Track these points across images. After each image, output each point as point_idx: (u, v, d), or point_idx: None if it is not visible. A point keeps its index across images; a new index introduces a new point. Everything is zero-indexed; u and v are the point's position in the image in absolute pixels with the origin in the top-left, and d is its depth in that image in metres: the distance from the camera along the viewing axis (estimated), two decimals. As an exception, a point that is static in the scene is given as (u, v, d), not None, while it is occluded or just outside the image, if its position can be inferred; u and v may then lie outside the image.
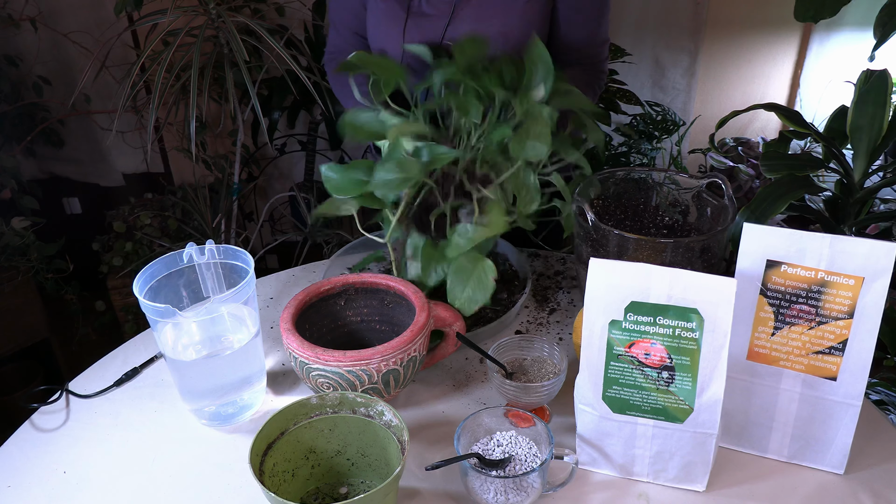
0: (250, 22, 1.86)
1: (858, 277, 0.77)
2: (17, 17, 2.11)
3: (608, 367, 0.81)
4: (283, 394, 1.01)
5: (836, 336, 0.80)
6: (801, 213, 1.39)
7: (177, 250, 0.95)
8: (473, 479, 0.80)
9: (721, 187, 1.03)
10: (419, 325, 0.90)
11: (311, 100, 2.27)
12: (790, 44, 2.53)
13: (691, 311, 0.76)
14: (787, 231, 0.79)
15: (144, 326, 1.05)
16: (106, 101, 2.28)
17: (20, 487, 0.87)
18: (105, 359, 1.10)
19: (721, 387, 0.78)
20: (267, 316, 1.19)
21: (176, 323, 0.92)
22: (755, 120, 2.63)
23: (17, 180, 2.19)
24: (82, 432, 0.95)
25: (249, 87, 1.85)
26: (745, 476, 0.86)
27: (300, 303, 0.96)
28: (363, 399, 0.82)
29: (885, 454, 0.88)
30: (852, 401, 0.82)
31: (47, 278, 2.15)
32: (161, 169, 2.51)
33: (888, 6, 1.26)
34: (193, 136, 1.85)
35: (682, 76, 2.51)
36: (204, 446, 0.93)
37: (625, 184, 1.12)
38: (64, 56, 2.26)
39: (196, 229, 2.28)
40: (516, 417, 0.86)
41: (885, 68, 1.27)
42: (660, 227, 1.11)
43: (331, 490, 0.84)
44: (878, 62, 1.29)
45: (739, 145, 2.44)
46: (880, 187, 1.32)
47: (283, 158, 2.63)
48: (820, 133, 1.37)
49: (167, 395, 1.01)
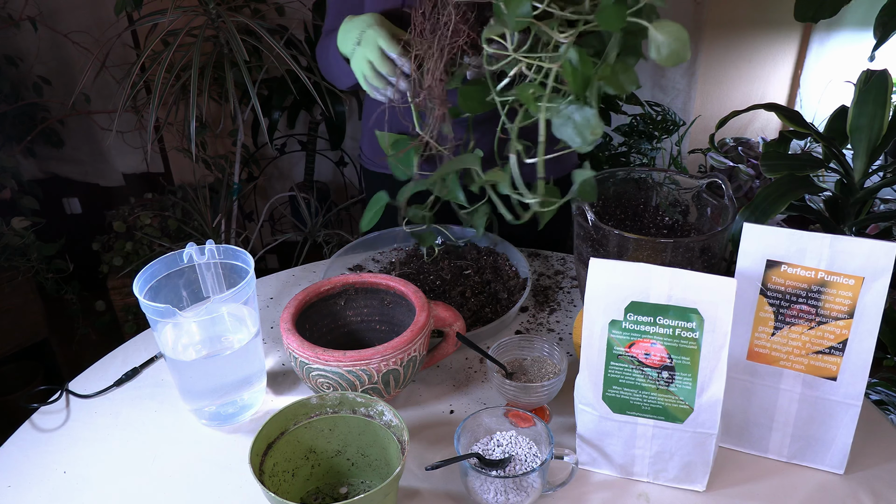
0: (250, 22, 1.86)
1: (858, 277, 0.77)
2: (17, 16, 2.11)
3: (608, 367, 0.81)
4: (283, 394, 1.01)
5: (836, 336, 0.80)
6: (801, 213, 1.39)
7: (177, 250, 0.95)
8: (473, 479, 0.80)
9: (721, 187, 1.03)
10: (419, 325, 0.90)
11: (311, 100, 2.27)
12: (790, 44, 2.53)
13: (691, 311, 0.76)
14: (787, 231, 0.79)
15: (144, 326, 1.05)
16: (106, 101, 2.28)
17: (20, 487, 0.87)
18: (105, 359, 1.10)
19: (721, 387, 0.78)
20: (267, 316, 1.19)
21: (176, 323, 0.92)
22: (755, 120, 2.63)
23: (17, 180, 2.19)
24: (82, 432, 0.95)
25: (249, 87, 1.85)
26: (745, 476, 0.86)
27: (300, 303, 0.96)
28: (363, 399, 0.82)
29: (885, 454, 0.88)
30: (852, 401, 0.82)
31: (47, 278, 2.15)
32: (161, 169, 2.51)
33: (888, 6, 1.27)
34: (193, 136, 1.85)
35: (682, 76, 2.51)
36: (204, 446, 0.93)
37: (625, 184, 1.11)
38: (64, 56, 2.26)
39: (196, 229, 2.28)
40: (516, 417, 0.86)
41: (885, 68, 1.27)
42: (660, 227, 1.11)
43: (331, 490, 0.84)
44: (878, 62, 1.29)
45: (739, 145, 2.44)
46: (880, 187, 1.32)
47: (283, 158, 2.63)
48: (820, 133, 1.37)
49: (167, 395, 1.01)
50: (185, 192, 2.33)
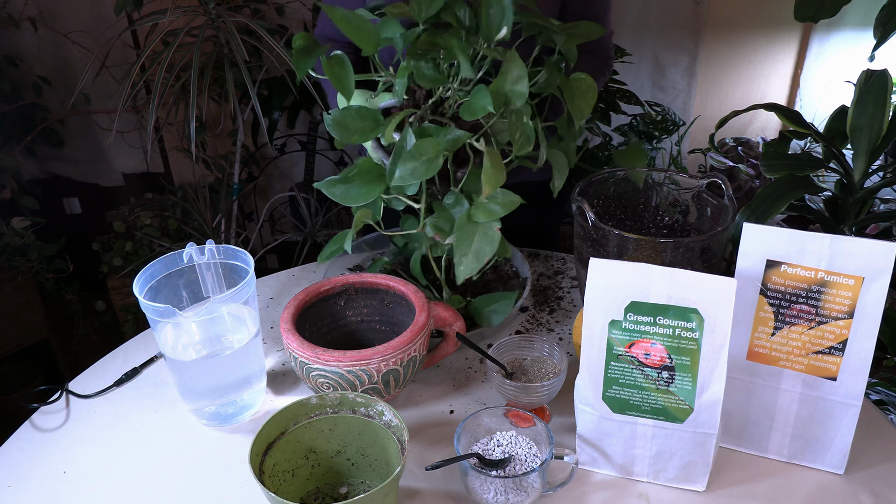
0: (250, 22, 1.86)
1: (858, 277, 0.77)
2: (17, 16, 2.11)
3: (608, 367, 0.81)
4: (283, 394, 1.01)
5: (836, 336, 0.80)
6: (801, 213, 1.39)
7: (177, 250, 0.95)
8: (473, 479, 0.80)
9: (721, 187, 1.03)
10: (419, 325, 0.90)
11: (311, 100, 2.27)
12: (790, 44, 2.53)
13: (691, 311, 0.76)
14: (787, 231, 0.79)
15: (144, 326, 1.05)
16: (106, 101, 2.28)
17: (20, 487, 0.87)
18: (105, 359, 1.10)
19: (721, 387, 0.78)
20: (267, 316, 1.19)
21: (176, 323, 0.92)
22: (755, 120, 2.64)
23: (17, 180, 2.19)
24: (82, 432, 0.95)
25: (249, 87, 1.85)
26: (745, 476, 0.86)
27: (300, 303, 0.96)
28: (363, 399, 0.82)
29: (885, 454, 0.88)
30: (852, 401, 0.82)
31: (47, 278, 2.15)
32: (161, 169, 2.51)
33: (888, 6, 1.27)
34: (193, 136, 1.85)
35: (682, 76, 2.51)
36: (204, 446, 0.93)
37: (625, 184, 1.11)
38: (64, 56, 2.26)
39: (196, 229, 2.28)
40: (516, 417, 0.86)
41: (885, 68, 1.27)
42: (660, 227, 1.11)
43: (331, 490, 0.84)
44: (878, 62, 1.29)
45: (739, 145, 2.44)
46: (880, 187, 1.32)
47: (283, 158, 2.63)
48: (820, 133, 1.37)
49: (167, 395, 1.01)
50: (185, 192, 2.33)
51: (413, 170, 0.90)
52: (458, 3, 0.96)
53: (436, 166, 0.90)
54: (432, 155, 0.90)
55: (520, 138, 0.94)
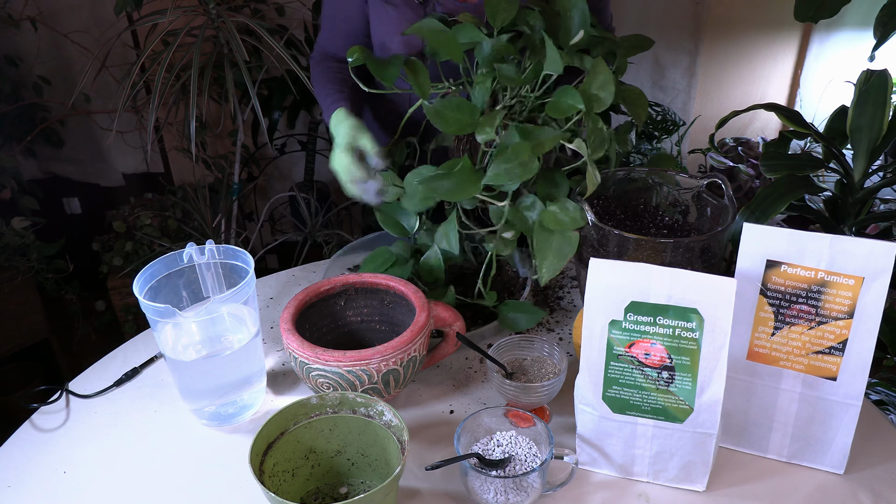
0: (250, 22, 1.86)
1: (858, 277, 0.77)
2: (17, 16, 2.11)
3: (608, 367, 0.81)
4: (283, 394, 1.01)
5: (836, 336, 0.80)
6: (801, 213, 1.39)
7: (177, 250, 0.95)
8: (473, 479, 0.80)
9: (721, 187, 1.03)
10: (419, 325, 0.90)
11: (311, 100, 2.27)
12: (790, 44, 2.53)
13: (691, 311, 0.76)
14: (787, 231, 0.79)
15: (144, 326, 1.05)
16: (106, 101, 2.28)
17: (20, 487, 0.87)
18: (105, 359, 1.10)
19: (721, 387, 0.78)
20: (267, 316, 1.19)
21: (176, 323, 0.92)
22: (755, 120, 2.63)
23: (17, 180, 2.19)
24: (82, 432, 0.95)
25: (249, 87, 1.85)
26: (745, 476, 0.86)
27: (300, 303, 0.96)
28: (363, 399, 0.82)
29: (885, 454, 0.88)
30: (852, 401, 0.82)
31: (47, 278, 2.15)
32: (161, 169, 2.51)
33: (888, 6, 1.27)
34: (193, 136, 1.85)
35: (682, 76, 2.51)
36: (204, 446, 0.93)
37: (625, 184, 1.11)
38: (64, 56, 2.26)
39: (196, 229, 2.28)
40: (516, 417, 0.86)
41: (885, 68, 1.27)
42: (660, 227, 1.11)
43: (331, 490, 0.84)
44: (878, 62, 1.29)
45: (739, 145, 2.44)
46: (880, 187, 1.32)
47: (283, 158, 2.63)
48: (820, 133, 1.37)
49: (167, 395, 1.01)
50: (185, 192, 2.33)
51: (508, 171, 0.93)
52: (530, 12, 1.03)
53: (531, 169, 0.94)
54: (524, 158, 0.93)
55: (595, 141, 0.98)
